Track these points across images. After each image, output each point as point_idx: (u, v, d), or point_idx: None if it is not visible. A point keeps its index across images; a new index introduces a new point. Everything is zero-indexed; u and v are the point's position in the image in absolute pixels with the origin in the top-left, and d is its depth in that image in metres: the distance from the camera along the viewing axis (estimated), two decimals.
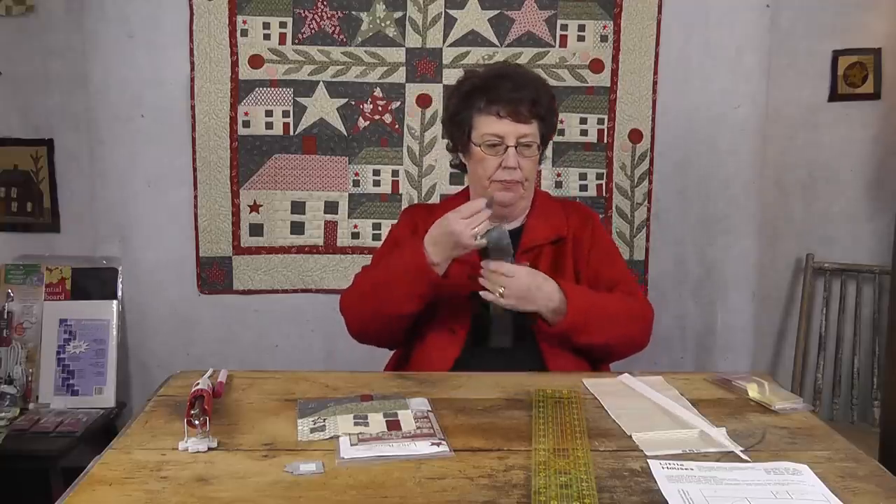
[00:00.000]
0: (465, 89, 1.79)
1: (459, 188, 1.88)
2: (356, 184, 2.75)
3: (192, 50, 2.66)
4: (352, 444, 1.26)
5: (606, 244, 1.90)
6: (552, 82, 2.67)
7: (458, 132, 1.81)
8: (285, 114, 2.71)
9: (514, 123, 1.73)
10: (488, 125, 1.74)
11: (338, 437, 1.29)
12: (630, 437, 1.31)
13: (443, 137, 1.89)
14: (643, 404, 1.45)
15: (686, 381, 1.60)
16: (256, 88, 2.69)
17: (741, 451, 1.25)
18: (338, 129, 2.72)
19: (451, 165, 1.93)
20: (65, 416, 2.49)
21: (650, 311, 1.82)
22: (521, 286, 1.65)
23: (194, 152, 2.71)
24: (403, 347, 1.85)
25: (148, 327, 2.78)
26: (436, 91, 2.69)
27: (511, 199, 1.78)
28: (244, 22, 2.66)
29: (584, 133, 2.74)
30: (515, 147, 1.73)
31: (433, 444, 1.26)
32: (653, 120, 2.73)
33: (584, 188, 2.76)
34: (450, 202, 1.91)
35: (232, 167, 2.72)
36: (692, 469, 1.17)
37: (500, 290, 1.64)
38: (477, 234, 1.63)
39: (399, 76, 2.70)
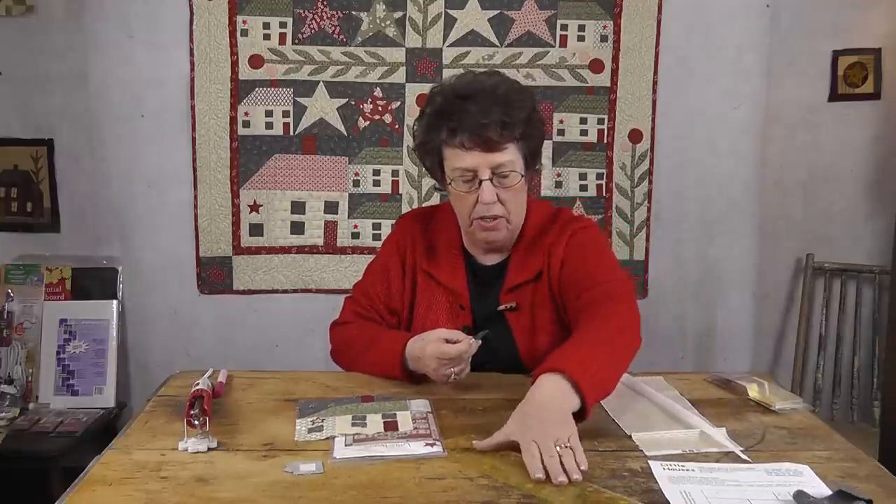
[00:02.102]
0: (429, 111, 1.59)
1: None
2: (356, 184, 2.75)
3: (192, 50, 2.66)
4: (346, 445, 1.26)
5: (582, 249, 1.63)
6: (552, 82, 2.69)
7: (430, 162, 1.62)
8: (285, 114, 2.71)
9: (485, 154, 1.50)
10: (457, 159, 1.53)
11: (334, 437, 1.29)
12: (630, 437, 1.31)
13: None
14: (643, 404, 1.45)
15: (686, 381, 1.60)
16: (256, 88, 2.69)
17: (741, 451, 1.25)
18: (338, 129, 2.72)
19: (436, 189, 1.77)
20: (65, 416, 2.48)
21: (629, 306, 1.50)
22: (530, 429, 1.22)
23: (194, 152, 2.70)
24: None
25: (148, 327, 2.77)
26: None
27: (496, 237, 1.61)
28: (244, 22, 2.66)
29: (584, 133, 2.74)
30: (491, 179, 1.52)
31: (427, 444, 1.26)
32: (653, 120, 2.73)
33: (584, 188, 2.76)
34: (446, 210, 1.75)
35: (232, 167, 2.72)
36: (693, 470, 1.17)
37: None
38: (452, 375, 1.47)
39: (399, 76, 2.70)
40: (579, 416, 1.26)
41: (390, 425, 1.33)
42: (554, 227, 1.67)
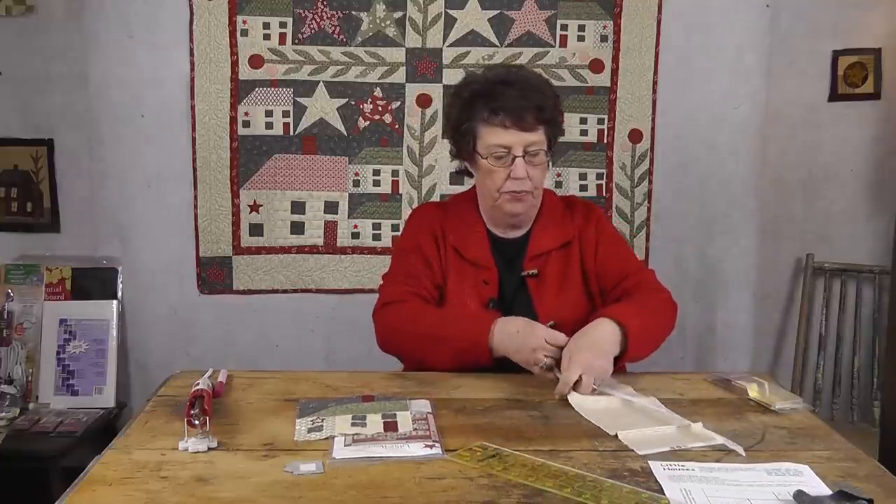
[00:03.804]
0: (467, 96, 1.74)
1: (458, 188, 1.87)
2: (356, 184, 2.75)
3: (192, 50, 2.66)
4: (345, 445, 1.26)
5: (611, 237, 1.86)
6: (552, 82, 2.68)
7: (462, 142, 1.76)
8: (285, 114, 2.71)
9: (521, 133, 1.67)
10: (494, 136, 1.68)
11: (333, 437, 1.29)
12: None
13: (449, 144, 1.84)
14: (612, 404, 1.44)
15: (686, 381, 1.60)
16: (256, 88, 2.69)
17: (724, 440, 1.26)
18: (338, 129, 2.72)
19: (456, 171, 1.88)
20: (65, 416, 2.48)
21: (670, 295, 1.77)
22: (587, 363, 1.49)
23: (194, 152, 2.70)
24: None
25: (148, 327, 2.77)
26: (436, 91, 2.69)
27: (522, 209, 1.75)
28: (244, 22, 2.66)
29: (584, 133, 2.74)
30: (523, 157, 1.68)
31: (426, 446, 1.26)
32: (653, 120, 2.73)
33: (584, 188, 2.76)
34: (458, 200, 1.90)
35: (232, 167, 2.72)
36: (693, 469, 1.17)
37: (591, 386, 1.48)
38: (543, 362, 1.55)
39: (399, 76, 2.70)
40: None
41: (390, 426, 1.33)
42: (577, 206, 1.86)
